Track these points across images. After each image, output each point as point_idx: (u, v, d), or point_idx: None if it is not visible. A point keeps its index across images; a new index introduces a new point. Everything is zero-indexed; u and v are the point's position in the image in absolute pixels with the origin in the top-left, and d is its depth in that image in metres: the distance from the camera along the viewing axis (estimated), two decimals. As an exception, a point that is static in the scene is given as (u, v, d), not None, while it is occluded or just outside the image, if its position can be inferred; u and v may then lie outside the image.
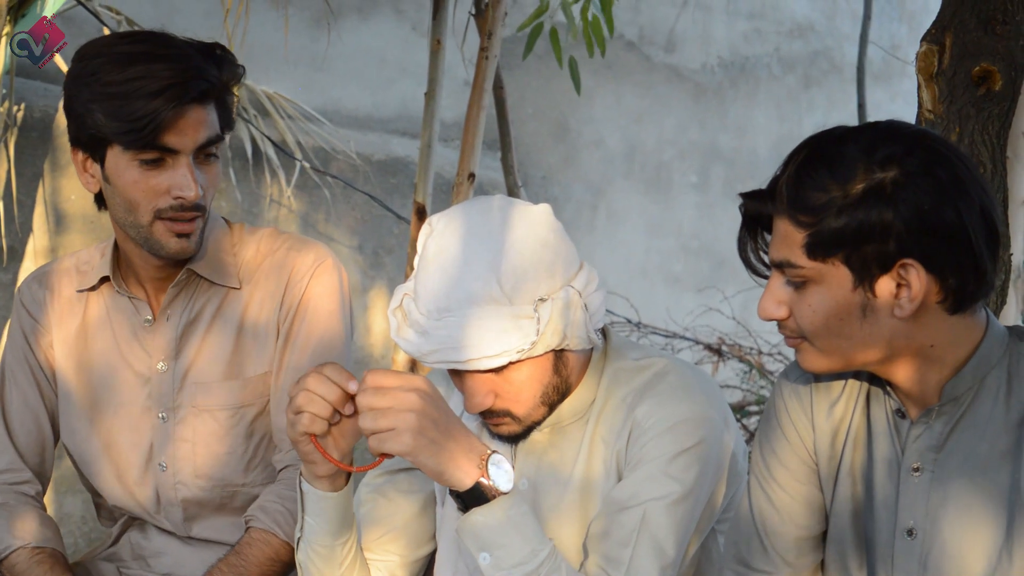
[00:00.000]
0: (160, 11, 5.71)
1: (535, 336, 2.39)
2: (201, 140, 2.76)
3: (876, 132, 2.21)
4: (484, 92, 4.55)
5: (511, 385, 2.45)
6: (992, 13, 2.94)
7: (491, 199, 2.48)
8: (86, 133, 2.76)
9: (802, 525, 2.44)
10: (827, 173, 2.17)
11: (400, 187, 6.18)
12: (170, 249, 2.81)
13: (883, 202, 2.14)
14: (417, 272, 2.46)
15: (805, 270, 2.20)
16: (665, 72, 7.26)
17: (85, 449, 2.99)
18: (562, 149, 6.98)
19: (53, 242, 5.25)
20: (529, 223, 2.44)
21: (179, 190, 2.76)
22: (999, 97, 2.95)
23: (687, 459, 2.45)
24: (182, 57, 2.74)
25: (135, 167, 2.75)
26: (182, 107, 2.71)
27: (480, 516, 2.35)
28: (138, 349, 2.94)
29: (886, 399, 2.33)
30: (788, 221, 2.19)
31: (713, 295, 7.00)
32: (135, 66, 2.70)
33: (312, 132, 5.92)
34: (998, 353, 2.26)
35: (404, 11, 6.33)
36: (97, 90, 2.72)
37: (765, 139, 7.51)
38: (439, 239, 2.43)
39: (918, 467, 2.29)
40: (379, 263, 6.14)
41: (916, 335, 2.22)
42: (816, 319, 2.21)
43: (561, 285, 2.43)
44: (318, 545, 2.54)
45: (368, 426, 2.30)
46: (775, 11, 7.55)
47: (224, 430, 2.92)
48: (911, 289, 2.17)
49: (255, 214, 5.78)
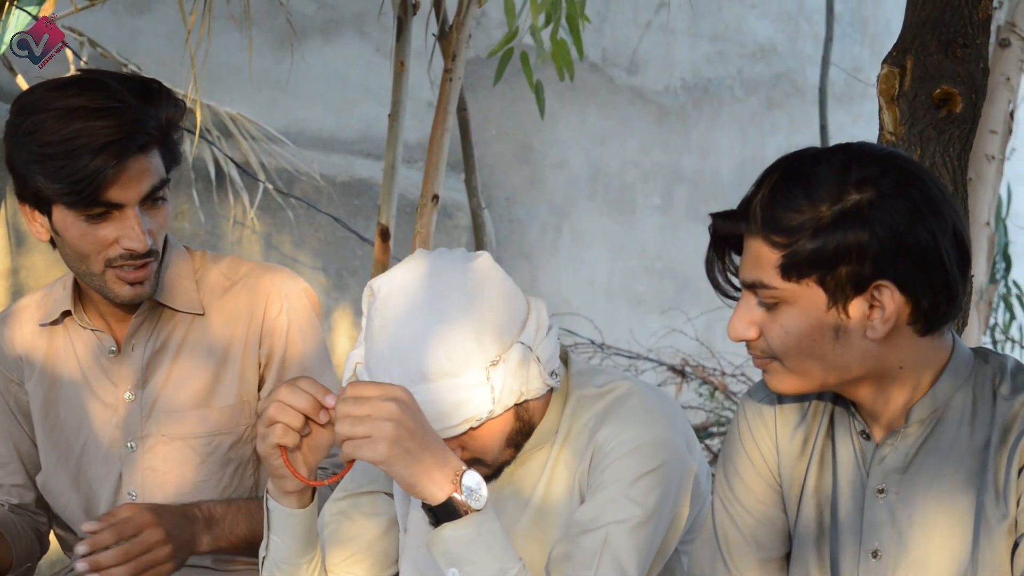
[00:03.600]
0: (123, 32, 5.70)
1: (491, 404, 2.40)
2: (146, 190, 2.74)
3: (849, 153, 2.21)
4: (448, 114, 4.55)
5: (476, 441, 2.45)
6: (953, 36, 2.95)
7: (432, 257, 2.46)
8: (28, 191, 2.74)
9: (765, 546, 2.43)
10: (802, 194, 2.16)
11: (364, 208, 6.17)
12: (124, 297, 2.80)
13: (859, 223, 2.14)
14: (365, 343, 2.46)
15: (778, 291, 2.19)
16: (628, 94, 7.28)
17: (54, 484, 2.97)
18: (526, 170, 6.99)
19: (15, 263, 5.22)
20: (472, 284, 2.42)
21: (128, 242, 2.73)
22: (960, 119, 2.97)
23: (649, 482, 2.45)
24: (121, 110, 2.69)
25: (82, 222, 2.73)
26: (123, 162, 2.68)
27: (451, 531, 2.34)
28: (104, 380, 2.92)
29: (851, 420, 2.34)
30: (762, 242, 2.19)
31: (677, 316, 7.00)
32: (74, 124, 2.66)
33: (275, 153, 5.91)
34: (963, 375, 2.27)
35: (368, 33, 6.32)
36: (35, 151, 2.68)
37: (728, 161, 7.54)
38: (383, 311, 2.42)
39: (883, 489, 2.29)
40: (343, 284, 6.13)
41: (886, 357, 2.22)
42: (788, 340, 2.21)
43: (511, 343, 2.43)
44: (284, 564, 2.52)
45: (344, 431, 2.29)
46: (738, 33, 7.58)
47: (200, 458, 2.91)
48: (885, 310, 2.16)
49: (218, 235, 5.76)
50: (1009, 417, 2.23)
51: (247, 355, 2.91)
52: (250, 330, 2.91)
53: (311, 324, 2.94)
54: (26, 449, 3.00)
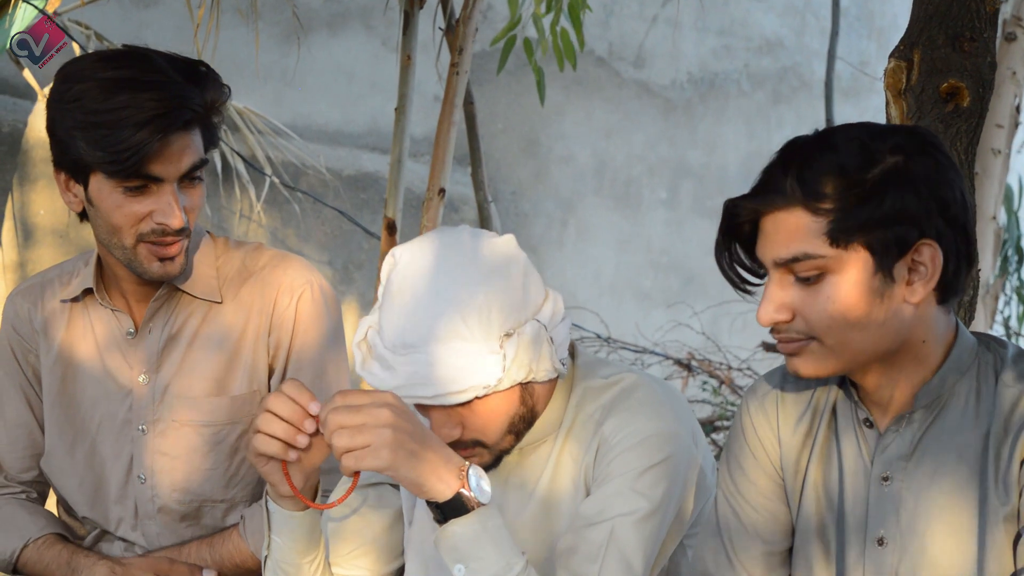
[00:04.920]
0: (129, 25, 5.70)
1: (501, 372, 2.38)
2: (186, 167, 2.74)
3: (863, 127, 2.24)
4: (454, 108, 4.55)
5: (478, 417, 2.44)
6: (960, 30, 2.95)
7: (456, 231, 2.47)
8: (68, 158, 2.74)
9: (768, 540, 2.44)
10: (835, 159, 2.18)
11: (370, 202, 6.17)
12: (153, 272, 2.79)
13: (904, 184, 2.17)
14: (381, 305, 2.44)
15: (825, 259, 2.19)
16: (635, 88, 7.28)
17: (63, 463, 2.98)
18: (532, 165, 6.99)
19: (22, 256, 5.23)
20: (494, 257, 2.43)
21: (162, 217, 2.73)
22: (967, 113, 2.97)
23: (655, 475, 2.45)
24: (167, 84, 2.70)
25: (118, 193, 2.72)
26: (167, 137, 2.68)
27: (458, 527, 2.34)
28: (120, 361, 2.93)
29: (854, 409, 2.34)
30: (803, 211, 2.18)
31: (682, 310, 7.00)
32: (120, 95, 2.66)
33: (282, 147, 5.92)
34: (968, 360, 2.28)
35: (374, 27, 6.33)
36: (80, 118, 2.68)
37: (734, 155, 7.54)
38: (403, 273, 2.42)
39: (887, 476, 2.30)
40: (349, 278, 6.13)
41: (916, 328, 2.23)
42: (834, 311, 2.20)
43: (526, 319, 2.43)
44: (285, 564, 2.52)
45: (343, 444, 2.28)
46: (744, 27, 7.58)
47: (208, 446, 2.91)
48: (928, 270, 2.19)
49: (225, 229, 5.77)
50: (1010, 406, 2.24)
51: (258, 345, 2.91)
52: (261, 320, 2.91)
53: (318, 316, 2.94)
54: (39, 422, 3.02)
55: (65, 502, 3.04)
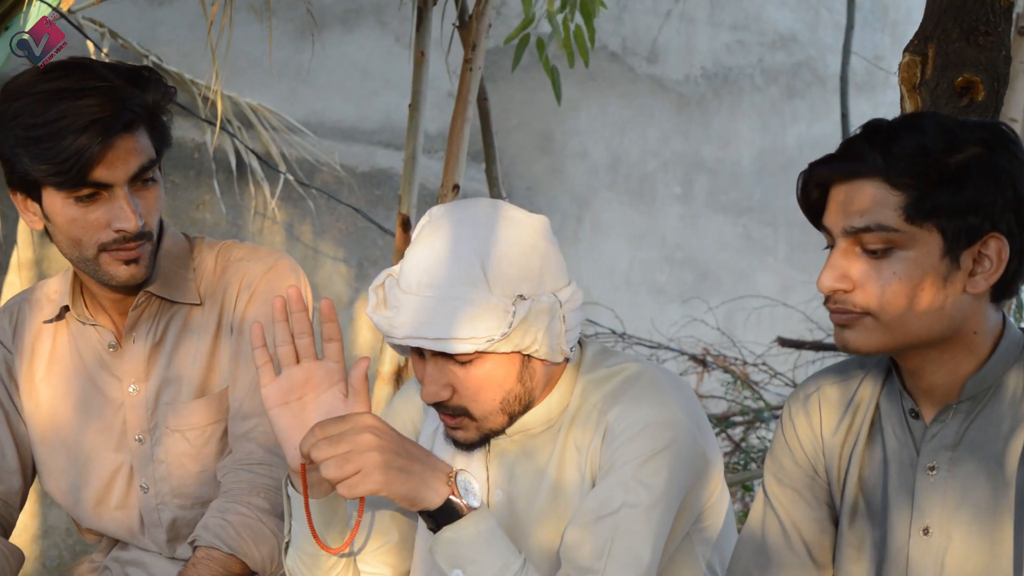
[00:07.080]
0: (144, 23, 5.71)
1: (507, 328, 2.38)
2: (134, 169, 2.72)
3: (947, 116, 2.27)
4: (468, 104, 4.55)
5: (472, 381, 2.44)
6: (975, 24, 2.95)
7: (496, 201, 2.50)
8: (17, 176, 2.73)
9: (810, 542, 2.45)
10: (919, 139, 2.20)
11: (384, 199, 6.18)
12: (120, 278, 2.78)
13: (986, 175, 2.18)
14: (407, 252, 2.46)
15: (897, 234, 2.20)
16: (648, 83, 7.27)
17: (64, 481, 2.98)
18: (546, 160, 6.99)
19: (38, 254, 5.24)
20: (525, 227, 2.45)
21: (119, 222, 2.72)
22: (982, 107, 2.96)
23: (658, 462, 2.44)
24: (106, 89, 2.68)
25: (71, 205, 2.71)
26: (109, 140, 2.66)
27: (452, 533, 2.38)
28: (107, 375, 2.92)
29: (901, 400, 2.35)
30: (882, 183, 2.20)
31: (697, 306, 7.00)
32: (58, 105, 2.65)
33: (296, 144, 5.92)
34: (1015, 353, 2.28)
35: (387, 23, 6.33)
36: (20, 134, 2.67)
37: (749, 150, 7.52)
38: (436, 223, 2.45)
39: (934, 466, 2.30)
40: (364, 275, 6.14)
41: (969, 319, 2.24)
42: (898, 287, 2.21)
43: (544, 292, 2.44)
44: (303, 553, 2.54)
45: (334, 475, 2.32)
46: (758, 22, 7.57)
47: (195, 450, 2.91)
48: (992, 263, 2.20)
49: (239, 226, 5.77)
50: None
51: (225, 341, 2.91)
52: (226, 317, 2.90)
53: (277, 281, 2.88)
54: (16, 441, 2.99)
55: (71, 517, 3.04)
